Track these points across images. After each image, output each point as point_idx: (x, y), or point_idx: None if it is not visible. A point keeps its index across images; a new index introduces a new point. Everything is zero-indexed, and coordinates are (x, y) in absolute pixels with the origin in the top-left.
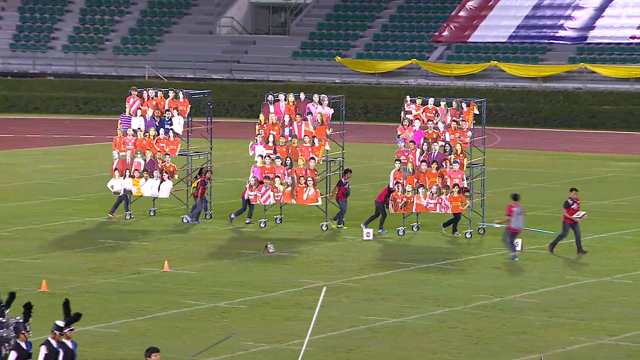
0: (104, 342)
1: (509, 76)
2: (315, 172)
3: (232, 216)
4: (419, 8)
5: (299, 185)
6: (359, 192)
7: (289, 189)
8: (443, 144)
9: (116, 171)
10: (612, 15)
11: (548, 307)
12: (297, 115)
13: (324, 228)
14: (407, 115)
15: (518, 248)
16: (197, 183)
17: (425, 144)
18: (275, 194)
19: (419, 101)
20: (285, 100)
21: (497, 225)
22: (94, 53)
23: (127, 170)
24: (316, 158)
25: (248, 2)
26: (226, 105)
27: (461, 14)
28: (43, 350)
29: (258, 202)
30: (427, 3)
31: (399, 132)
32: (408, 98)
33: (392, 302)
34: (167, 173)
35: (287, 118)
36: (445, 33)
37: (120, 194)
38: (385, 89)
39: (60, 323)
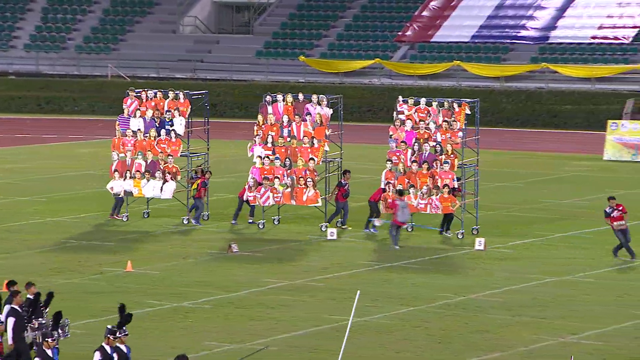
0: (68, 343)
1: (472, 76)
2: (315, 173)
3: (233, 222)
4: (383, 8)
5: (299, 186)
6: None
7: (289, 190)
8: (434, 144)
9: (116, 173)
10: (574, 15)
11: (511, 306)
12: (296, 116)
13: (323, 229)
14: (400, 116)
15: (480, 247)
16: (198, 184)
17: (416, 144)
18: (275, 195)
19: (411, 101)
20: (283, 100)
21: (378, 224)
22: (56, 52)
23: (128, 172)
24: (315, 159)
25: (211, 1)
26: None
27: (424, 13)
28: (97, 356)
29: (257, 204)
30: (390, 3)
31: (390, 133)
32: (400, 98)
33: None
34: (169, 174)
35: (285, 119)
36: (409, 33)
37: (121, 196)
38: (349, 88)
39: (113, 327)
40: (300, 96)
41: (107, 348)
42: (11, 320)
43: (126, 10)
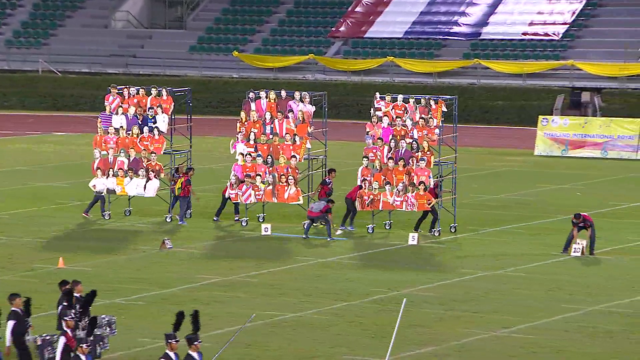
0: None
1: (405, 71)
2: (297, 171)
3: (215, 218)
4: (316, 3)
5: (280, 183)
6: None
7: (270, 187)
8: (410, 141)
9: (98, 170)
10: (505, 12)
11: (444, 300)
12: (279, 113)
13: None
14: (377, 112)
15: (413, 242)
16: (182, 182)
17: (393, 141)
18: (256, 193)
19: (388, 98)
20: (266, 97)
21: (339, 232)
22: None
23: (110, 169)
24: (297, 156)
25: None
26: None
27: (358, 9)
28: None
29: (239, 201)
30: None
31: (367, 129)
32: (377, 95)
33: (291, 297)
34: (153, 172)
35: (268, 116)
36: (342, 28)
37: (103, 194)
38: (283, 84)
39: (190, 335)
40: (283, 93)
41: (172, 354)
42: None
43: (57, 4)
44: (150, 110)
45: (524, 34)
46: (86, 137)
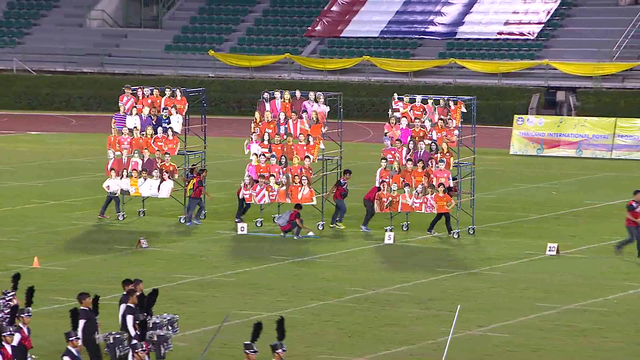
0: None
1: (381, 71)
2: (310, 171)
3: (237, 220)
4: (292, 2)
5: (294, 184)
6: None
7: (284, 188)
8: (429, 142)
9: (112, 171)
10: (480, 11)
11: (420, 299)
12: (293, 113)
13: (320, 228)
14: (395, 113)
15: (389, 241)
16: (194, 183)
17: (411, 142)
18: (270, 193)
19: (406, 99)
20: (281, 97)
21: (311, 234)
22: None
23: (124, 170)
24: (311, 157)
25: None
26: (98, 99)
27: (334, 8)
28: None
29: (253, 202)
30: None
31: (386, 130)
32: (396, 95)
33: (267, 296)
34: (167, 173)
35: (282, 116)
36: (318, 28)
37: (116, 195)
38: (260, 83)
39: (276, 343)
40: (298, 93)
41: None
42: (130, 318)
43: (32, 3)
44: (164, 110)
45: (500, 33)
46: (62, 136)
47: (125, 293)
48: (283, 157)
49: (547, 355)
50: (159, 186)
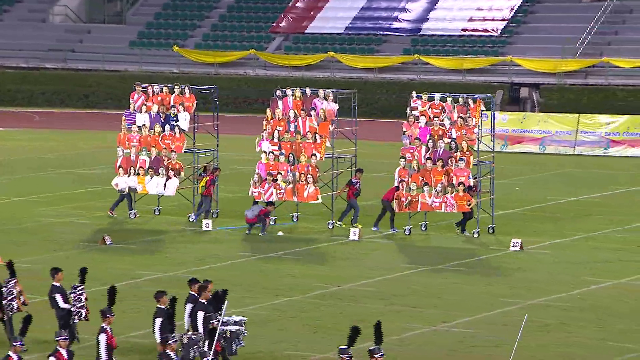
0: None
1: (346, 67)
2: (317, 170)
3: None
4: None
5: (300, 182)
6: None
7: (291, 186)
8: (449, 141)
9: (120, 169)
10: (444, 7)
11: (385, 295)
12: (302, 111)
13: (330, 227)
14: (413, 112)
15: (354, 237)
16: (206, 181)
17: (430, 141)
18: (278, 191)
19: (424, 97)
20: (292, 95)
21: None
22: None
23: (132, 168)
24: (318, 155)
25: None
26: (61, 95)
27: (298, 4)
28: None
29: (262, 199)
30: None
31: (404, 129)
32: (414, 94)
33: (232, 293)
34: (172, 170)
35: (292, 114)
36: (283, 24)
37: (125, 192)
38: (224, 79)
39: (373, 348)
40: (308, 91)
41: None
42: (201, 315)
43: None
44: (173, 108)
45: (464, 30)
46: (24, 132)
47: (192, 293)
48: (291, 154)
49: (510, 351)
50: (165, 184)
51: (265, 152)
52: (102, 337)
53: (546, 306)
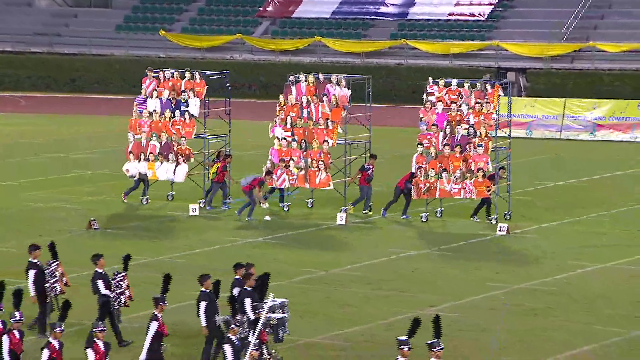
0: None
1: (333, 51)
2: (329, 156)
3: (281, 204)
4: None
5: (312, 168)
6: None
7: (303, 172)
8: (467, 126)
9: (131, 154)
10: None
11: (371, 280)
12: (314, 97)
13: (343, 213)
14: (430, 97)
15: (341, 222)
16: (218, 167)
17: (448, 127)
18: (290, 177)
19: (441, 82)
20: (305, 81)
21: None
22: None
23: (142, 154)
24: (330, 141)
25: None
26: (47, 79)
27: None
28: None
29: (274, 186)
30: None
31: (421, 115)
32: (430, 79)
33: (218, 278)
34: (182, 156)
35: (304, 99)
36: (270, 8)
37: (136, 178)
38: (211, 63)
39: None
40: (321, 76)
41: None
42: (248, 302)
43: None
44: (183, 93)
45: (450, 14)
46: (10, 116)
47: (237, 277)
48: (303, 141)
49: (497, 335)
50: (175, 170)
51: (277, 138)
52: (154, 325)
53: (533, 290)
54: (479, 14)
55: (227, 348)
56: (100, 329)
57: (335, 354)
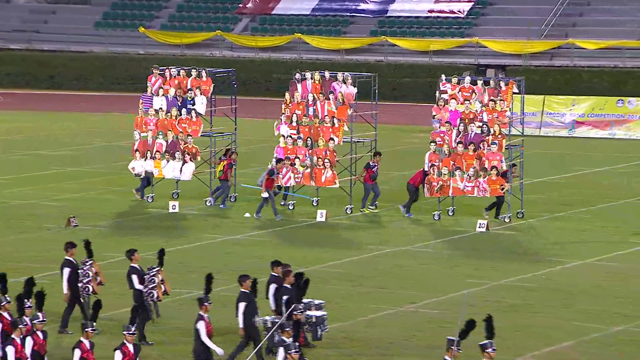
0: None
1: (313, 48)
2: (335, 154)
3: (282, 203)
4: None
5: (318, 166)
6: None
7: (308, 170)
8: (480, 124)
9: (137, 152)
10: None
11: (352, 277)
12: (320, 94)
13: (349, 212)
14: (443, 95)
15: (321, 218)
16: (224, 165)
17: (461, 124)
18: (295, 175)
19: (454, 80)
20: (311, 78)
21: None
22: None
23: (149, 152)
24: (336, 139)
25: None
26: (26, 76)
27: None
28: None
29: (280, 184)
30: None
31: (434, 113)
32: (443, 77)
33: (199, 274)
34: (189, 154)
35: (311, 97)
36: (249, 5)
37: (142, 176)
38: (190, 60)
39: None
40: (327, 74)
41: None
42: (285, 299)
43: None
44: (189, 91)
45: (430, 11)
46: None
47: (274, 274)
48: (309, 138)
49: (477, 331)
50: (181, 168)
51: (283, 135)
52: (201, 325)
53: (512, 287)
54: (459, 11)
55: (281, 351)
56: (130, 332)
57: (316, 351)
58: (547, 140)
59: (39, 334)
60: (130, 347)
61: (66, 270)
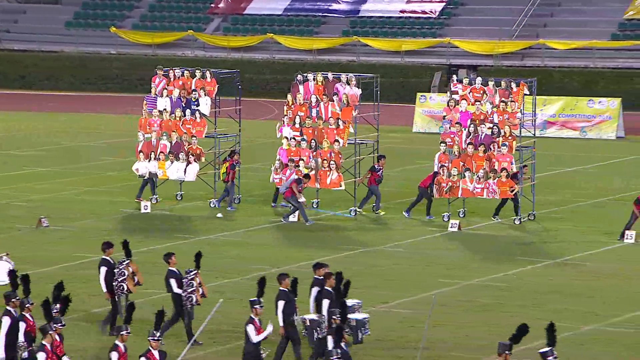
0: None
1: (285, 48)
2: (340, 156)
3: (273, 205)
4: None
5: (323, 168)
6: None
7: (313, 172)
8: (491, 125)
9: (141, 154)
10: None
11: None
12: (324, 96)
13: (353, 214)
14: (454, 96)
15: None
16: (227, 167)
17: (472, 125)
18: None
19: (465, 81)
20: (314, 80)
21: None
22: None
23: (153, 153)
24: (341, 141)
25: None
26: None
27: None
28: None
29: (282, 185)
30: None
31: (444, 113)
32: (454, 77)
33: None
34: (193, 155)
35: (314, 99)
36: (222, 5)
37: (145, 177)
38: (162, 60)
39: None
40: (330, 75)
41: None
42: (326, 303)
43: None
44: (194, 92)
45: (402, 11)
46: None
47: (317, 277)
48: (313, 140)
49: (449, 330)
50: (185, 169)
51: (286, 137)
52: (250, 328)
53: (483, 286)
54: (430, 12)
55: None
56: (154, 338)
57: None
58: None
59: (56, 336)
60: (156, 354)
61: (102, 270)
